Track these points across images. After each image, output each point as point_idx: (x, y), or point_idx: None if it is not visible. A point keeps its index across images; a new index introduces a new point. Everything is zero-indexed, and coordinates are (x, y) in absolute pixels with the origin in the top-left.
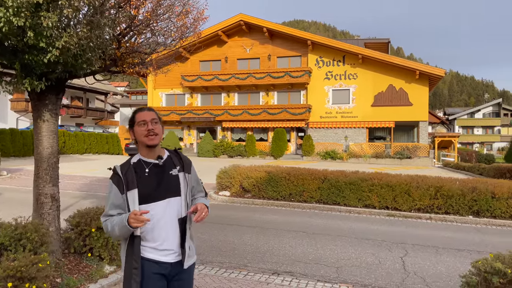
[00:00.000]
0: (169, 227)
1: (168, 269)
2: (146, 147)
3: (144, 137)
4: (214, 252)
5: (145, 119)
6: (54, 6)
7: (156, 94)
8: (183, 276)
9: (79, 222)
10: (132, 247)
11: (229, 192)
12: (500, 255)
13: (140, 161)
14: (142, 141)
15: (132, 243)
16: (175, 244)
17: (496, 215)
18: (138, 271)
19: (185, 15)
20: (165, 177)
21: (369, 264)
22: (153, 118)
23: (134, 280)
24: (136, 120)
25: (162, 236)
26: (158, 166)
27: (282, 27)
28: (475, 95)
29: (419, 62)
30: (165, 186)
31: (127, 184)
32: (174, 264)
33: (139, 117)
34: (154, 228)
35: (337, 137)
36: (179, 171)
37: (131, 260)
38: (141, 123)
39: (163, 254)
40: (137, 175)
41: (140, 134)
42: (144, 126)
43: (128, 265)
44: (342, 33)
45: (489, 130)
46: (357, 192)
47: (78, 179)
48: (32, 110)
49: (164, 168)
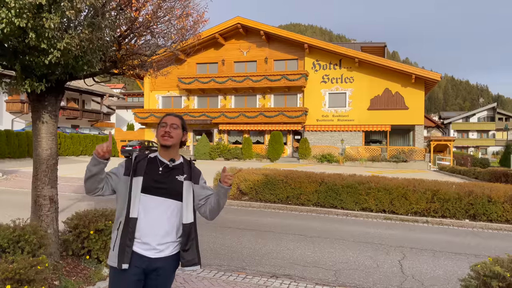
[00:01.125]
0: (156, 223)
1: (146, 263)
2: (161, 146)
3: (160, 137)
4: (212, 254)
5: (166, 122)
6: (56, 8)
7: (153, 96)
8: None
9: (77, 224)
10: (126, 227)
11: None
12: (499, 259)
13: (156, 158)
14: (159, 141)
15: (127, 224)
16: (156, 241)
17: (493, 219)
18: (130, 249)
19: (186, 18)
20: (170, 179)
21: (367, 267)
22: (173, 123)
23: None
24: (161, 122)
25: (147, 229)
26: (168, 167)
27: (279, 30)
28: (470, 99)
29: (415, 66)
30: (166, 186)
31: (135, 170)
32: (152, 259)
33: (164, 119)
34: (142, 218)
35: (333, 140)
36: (185, 179)
37: (124, 238)
38: (162, 124)
39: (144, 248)
40: (148, 167)
41: (158, 134)
42: (163, 128)
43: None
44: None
45: (484, 134)
46: (354, 195)
47: (74, 181)
48: (32, 112)
49: (172, 171)
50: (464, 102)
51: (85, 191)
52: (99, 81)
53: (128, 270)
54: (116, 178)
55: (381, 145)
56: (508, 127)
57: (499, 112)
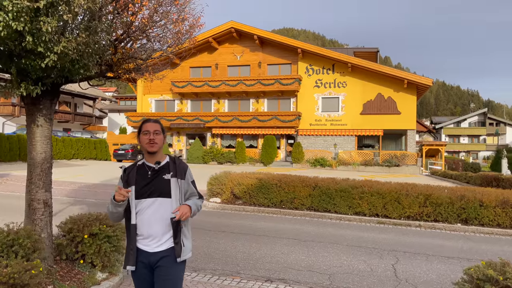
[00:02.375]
0: (153, 222)
1: (148, 258)
2: (147, 153)
3: (145, 144)
4: (207, 259)
5: (149, 130)
6: (53, 11)
7: (146, 99)
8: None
9: (72, 229)
10: (129, 233)
11: (220, 199)
12: (492, 263)
13: (144, 164)
14: (144, 148)
15: (129, 230)
16: (157, 237)
17: (484, 223)
18: (134, 251)
19: (182, 22)
20: (157, 180)
21: (361, 271)
22: (156, 130)
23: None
24: (142, 129)
25: (146, 229)
26: (155, 169)
27: (272, 35)
28: (461, 104)
29: (407, 72)
30: (155, 187)
31: (127, 181)
32: (152, 254)
33: (145, 127)
34: (140, 220)
35: (326, 145)
36: (171, 176)
37: (129, 243)
38: (145, 132)
39: (144, 244)
40: (137, 175)
41: (143, 141)
42: (147, 135)
43: (128, 246)
44: (331, 42)
45: (475, 139)
46: (347, 199)
47: (66, 185)
48: (26, 115)
49: (159, 172)
50: (455, 107)
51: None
52: (93, 84)
53: (137, 270)
54: None
55: (374, 150)
56: (498, 132)
57: (489, 117)
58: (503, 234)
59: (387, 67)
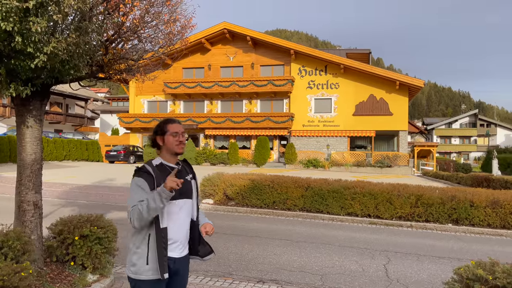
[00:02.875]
0: (181, 224)
1: (172, 264)
2: (174, 154)
3: (175, 146)
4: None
5: (178, 131)
6: (43, 12)
7: (138, 100)
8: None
9: (62, 230)
10: (160, 237)
11: (212, 200)
12: (481, 262)
13: (163, 165)
14: (172, 149)
15: (160, 233)
16: (183, 241)
17: (475, 223)
18: (166, 257)
19: (173, 23)
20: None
21: (353, 271)
22: (183, 131)
23: (163, 263)
24: (169, 130)
25: (173, 232)
26: (179, 170)
27: (265, 36)
28: (452, 105)
29: (399, 73)
30: (183, 188)
31: (159, 182)
32: (177, 260)
33: (173, 128)
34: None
35: (319, 146)
36: (191, 178)
37: (160, 250)
38: (174, 134)
39: (171, 249)
40: (162, 176)
41: (172, 142)
42: (177, 137)
43: (160, 253)
44: (323, 43)
45: (466, 140)
46: (340, 200)
47: (58, 187)
48: (16, 116)
49: (182, 173)
50: (446, 108)
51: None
52: (84, 85)
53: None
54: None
55: (366, 151)
56: (489, 133)
57: (480, 118)
58: (493, 234)
59: (379, 69)
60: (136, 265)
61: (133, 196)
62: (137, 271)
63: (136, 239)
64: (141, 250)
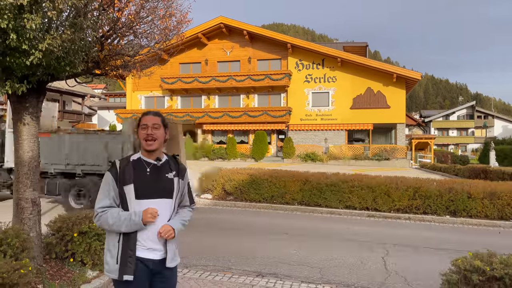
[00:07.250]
0: (158, 226)
1: (152, 265)
2: (145, 151)
3: (142, 140)
4: (198, 255)
5: (147, 124)
6: (37, 8)
7: (135, 96)
8: (166, 274)
9: (61, 227)
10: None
11: (211, 195)
12: (478, 254)
13: (140, 160)
14: (142, 144)
15: (128, 235)
16: (161, 242)
17: (472, 214)
18: (133, 259)
19: (169, 18)
20: (161, 178)
21: (351, 264)
22: (155, 123)
23: (129, 264)
24: (140, 123)
25: (149, 233)
26: (156, 167)
27: (262, 30)
28: (449, 97)
29: (396, 66)
30: (160, 186)
31: (123, 179)
32: (157, 261)
33: (143, 120)
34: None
35: (317, 139)
36: (174, 175)
37: (125, 250)
38: (143, 126)
39: (149, 251)
40: (135, 172)
41: (140, 137)
42: (145, 130)
43: (124, 253)
44: (320, 37)
45: (464, 132)
46: (338, 193)
47: None
48: (12, 113)
49: (161, 170)
50: (444, 101)
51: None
52: (81, 81)
53: (136, 279)
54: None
55: (364, 144)
56: (486, 124)
57: (478, 110)
58: (491, 225)
59: (377, 62)
60: (108, 264)
61: (100, 192)
62: (109, 269)
63: (110, 238)
64: (113, 249)
